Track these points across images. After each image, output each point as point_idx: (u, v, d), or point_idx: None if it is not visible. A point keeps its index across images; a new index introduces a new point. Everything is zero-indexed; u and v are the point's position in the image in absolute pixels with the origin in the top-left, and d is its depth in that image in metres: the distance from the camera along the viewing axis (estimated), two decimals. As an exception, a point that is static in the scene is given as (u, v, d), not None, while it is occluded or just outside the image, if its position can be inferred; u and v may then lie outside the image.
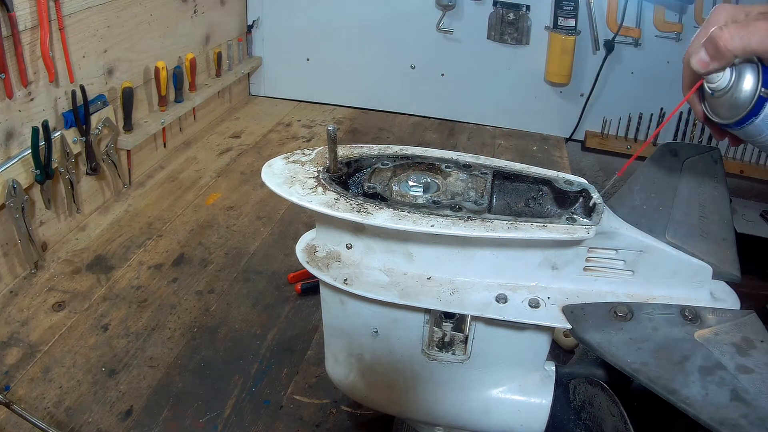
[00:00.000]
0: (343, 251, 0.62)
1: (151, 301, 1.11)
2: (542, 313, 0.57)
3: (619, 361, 0.52)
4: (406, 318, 0.62)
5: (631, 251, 0.58)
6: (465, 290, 0.59)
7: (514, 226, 0.56)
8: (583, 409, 0.64)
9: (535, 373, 0.65)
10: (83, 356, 0.98)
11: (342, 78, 2.04)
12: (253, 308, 1.11)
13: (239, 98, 2.03)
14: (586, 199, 0.61)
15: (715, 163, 0.70)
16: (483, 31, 1.89)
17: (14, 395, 0.90)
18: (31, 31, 1.09)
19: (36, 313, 1.06)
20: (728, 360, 0.50)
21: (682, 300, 0.57)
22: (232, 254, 1.26)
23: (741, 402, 0.47)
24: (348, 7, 1.94)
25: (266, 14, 2.00)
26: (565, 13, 1.79)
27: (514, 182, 0.64)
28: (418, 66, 1.98)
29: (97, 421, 0.87)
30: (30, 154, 1.10)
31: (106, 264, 1.20)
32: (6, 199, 1.07)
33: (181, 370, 0.97)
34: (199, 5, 1.68)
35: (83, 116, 1.23)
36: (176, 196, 1.46)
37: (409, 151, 0.68)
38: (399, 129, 1.94)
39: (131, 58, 1.42)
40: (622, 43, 1.83)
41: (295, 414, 0.90)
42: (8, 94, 1.06)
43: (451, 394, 0.66)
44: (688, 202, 0.65)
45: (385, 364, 0.66)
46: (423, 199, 0.60)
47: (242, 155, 1.68)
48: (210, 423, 0.88)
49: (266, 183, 0.62)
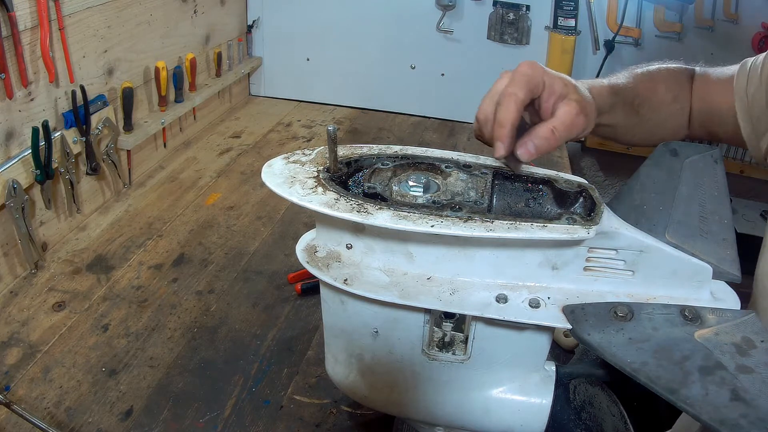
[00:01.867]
0: (343, 251, 0.62)
1: (151, 301, 1.11)
2: (542, 313, 0.57)
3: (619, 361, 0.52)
4: (406, 318, 0.62)
5: (631, 251, 0.58)
6: (465, 290, 0.59)
7: (514, 226, 0.55)
8: (583, 409, 0.64)
9: (535, 373, 0.65)
10: (83, 356, 0.98)
11: (342, 78, 2.04)
12: (253, 308, 1.11)
13: (239, 98, 2.03)
14: (586, 199, 0.61)
15: (715, 163, 0.70)
16: (483, 31, 1.89)
17: (14, 395, 0.90)
18: (31, 31, 1.09)
19: (36, 313, 1.06)
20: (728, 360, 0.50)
21: (682, 300, 0.57)
22: (232, 254, 1.26)
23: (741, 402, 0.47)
24: (348, 8, 1.94)
25: (266, 14, 2.00)
26: (565, 13, 1.79)
27: (515, 182, 0.64)
28: (418, 66, 1.98)
29: (97, 421, 0.87)
30: (30, 154, 1.10)
31: (106, 264, 1.20)
32: (6, 199, 1.07)
33: (181, 370, 0.97)
34: (199, 5, 1.68)
35: (83, 116, 1.23)
36: (176, 196, 1.46)
37: (410, 151, 0.68)
38: (399, 129, 1.94)
39: (131, 58, 1.42)
40: (622, 43, 1.83)
41: (295, 414, 0.90)
42: (8, 94, 1.06)
43: (452, 394, 0.66)
44: (688, 202, 0.65)
45: (385, 364, 0.66)
46: (423, 199, 0.60)
47: (242, 155, 1.68)
48: (210, 423, 0.88)
49: (266, 183, 0.62)
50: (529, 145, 0.61)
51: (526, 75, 0.63)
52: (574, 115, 0.64)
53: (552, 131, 0.62)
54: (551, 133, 0.62)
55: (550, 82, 0.65)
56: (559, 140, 0.62)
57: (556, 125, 0.62)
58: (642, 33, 1.81)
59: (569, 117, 0.63)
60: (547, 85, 0.65)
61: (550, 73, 0.66)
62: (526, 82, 0.63)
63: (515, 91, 0.62)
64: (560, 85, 0.65)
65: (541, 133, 0.62)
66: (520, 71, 0.64)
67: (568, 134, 0.63)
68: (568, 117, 0.63)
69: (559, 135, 0.62)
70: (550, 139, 0.62)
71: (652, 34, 1.81)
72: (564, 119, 0.63)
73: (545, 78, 0.65)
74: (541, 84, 0.64)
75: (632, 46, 1.82)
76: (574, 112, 0.64)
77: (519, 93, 0.62)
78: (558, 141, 0.62)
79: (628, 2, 1.77)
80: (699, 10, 1.76)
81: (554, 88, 0.65)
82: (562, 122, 0.63)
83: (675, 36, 1.78)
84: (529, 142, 0.61)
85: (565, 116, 0.63)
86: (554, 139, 0.62)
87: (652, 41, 1.81)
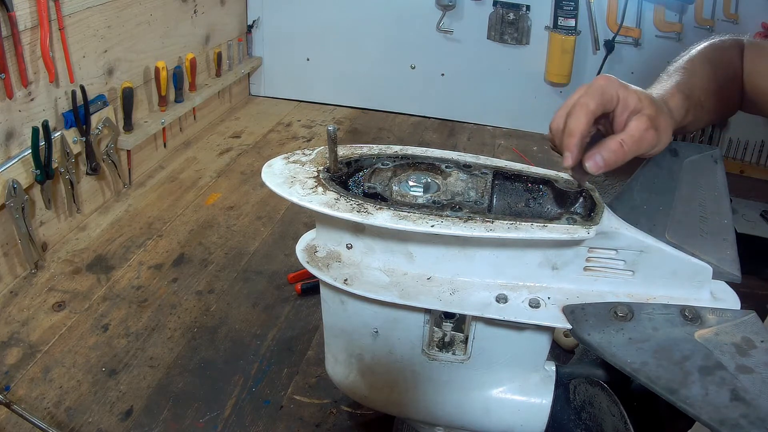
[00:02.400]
0: (344, 251, 0.62)
1: (151, 301, 1.11)
2: (542, 313, 0.57)
3: (619, 361, 0.52)
4: (406, 318, 0.62)
5: (631, 251, 0.58)
6: (465, 290, 0.59)
7: (514, 226, 0.56)
8: (583, 409, 0.64)
9: (535, 373, 0.65)
10: (83, 356, 0.98)
11: (342, 78, 2.04)
12: (253, 308, 1.11)
13: (239, 98, 2.03)
14: (586, 199, 0.61)
15: (715, 163, 0.70)
16: (483, 31, 1.89)
17: (14, 395, 0.90)
18: (31, 31, 1.09)
19: (36, 313, 1.06)
20: (728, 360, 0.50)
21: (683, 300, 0.57)
22: (232, 254, 1.26)
23: (741, 402, 0.47)
24: (348, 8, 1.94)
25: (266, 14, 2.00)
26: (565, 13, 1.79)
27: (515, 182, 0.64)
28: (418, 66, 1.98)
29: (97, 421, 0.87)
30: (30, 154, 1.10)
31: (106, 264, 1.20)
32: (6, 199, 1.07)
33: (181, 370, 0.97)
34: (199, 5, 1.68)
35: (83, 116, 1.23)
36: (176, 196, 1.46)
37: (410, 151, 0.68)
38: (399, 129, 1.94)
39: (131, 58, 1.42)
40: (622, 43, 1.83)
41: (295, 414, 0.90)
42: (8, 94, 1.06)
43: (452, 394, 0.66)
44: (688, 202, 0.65)
45: (385, 364, 0.66)
46: (423, 199, 0.60)
47: (242, 155, 1.68)
48: (210, 423, 0.88)
49: (266, 183, 0.62)
50: (597, 158, 0.61)
51: (600, 87, 0.64)
52: (643, 129, 0.63)
53: (621, 144, 0.62)
54: (620, 146, 0.61)
55: (624, 96, 0.65)
56: (628, 154, 0.62)
57: (625, 138, 0.62)
58: (642, 33, 1.81)
59: (639, 131, 0.63)
60: (621, 99, 0.65)
61: (625, 87, 0.66)
62: (599, 95, 0.63)
63: (587, 101, 0.62)
64: (634, 100, 0.65)
65: (610, 146, 0.61)
66: (595, 84, 0.64)
67: (637, 148, 0.63)
68: (638, 131, 0.63)
69: (628, 148, 0.62)
70: (617, 152, 0.61)
71: (652, 34, 1.80)
72: (633, 133, 0.63)
73: (620, 92, 0.65)
74: (615, 97, 0.64)
75: (632, 46, 1.82)
76: (644, 127, 0.63)
77: (590, 104, 0.62)
78: (626, 155, 0.62)
79: (628, 2, 1.77)
80: (699, 10, 1.76)
81: (628, 102, 0.65)
82: (631, 136, 0.63)
83: (675, 36, 1.78)
84: (597, 155, 0.61)
85: (634, 130, 0.63)
86: (622, 153, 0.62)
87: (652, 41, 1.81)
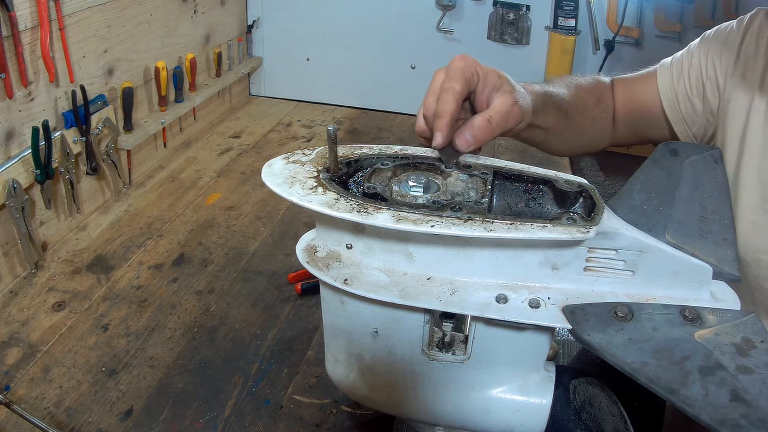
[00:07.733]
0: (343, 251, 0.62)
1: (151, 301, 1.11)
2: (542, 314, 0.57)
3: (619, 361, 0.52)
4: (406, 318, 0.62)
5: (631, 251, 0.58)
6: (465, 290, 0.59)
7: (514, 226, 0.55)
8: (583, 409, 0.64)
9: (535, 373, 0.65)
10: (83, 356, 0.98)
11: (342, 78, 2.04)
12: (253, 308, 1.11)
13: (239, 98, 2.03)
14: (586, 199, 0.61)
15: (715, 163, 0.70)
16: (483, 31, 1.89)
17: (14, 395, 0.90)
18: (31, 31, 1.09)
19: (36, 313, 1.06)
20: (728, 360, 0.50)
21: (683, 300, 0.57)
22: (232, 254, 1.26)
23: (741, 402, 0.47)
24: (348, 8, 1.94)
25: (266, 14, 2.00)
26: (565, 13, 1.79)
27: (515, 182, 0.64)
28: (418, 66, 1.98)
29: (97, 421, 0.87)
30: (30, 154, 1.10)
31: (106, 264, 1.20)
32: (6, 199, 1.07)
33: (181, 370, 0.97)
34: (199, 5, 1.68)
35: (83, 116, 1.23)
36: (176, 196, 1.46)
37: (410, 151, 0.68)
38: (399, 129, 1.94)
39: (131, 58, 1.42)
40: (623, 43, 1.83)
41: (295, 414, 0.90)
42: (8, 94, 1.06)
43: (452, 394, 0.66)
44: (688, 202, 0.65)
45: (385, 364, 0.66)
46: (423, 200, 0.60)
47: (242, 155, 1.68)
48: (210, 423, 0.88)
49: (266, 183, 0.61)
50: (467, 134, 0.61)
51: (459, 68, 0.64)
52: (509, 105, 0.64)
53: (488, 120, 0.62)
54: (488, 123, 0.62)
55: (484, 73, 0.66)
56: (496, 130, 0.63)
57: (492, 115, 0.63)
58: (642, 33, 1.81)
59: (504, 107, 0.64)
60: (481, 77, 0.65)
61: (482, 66, 0.66)
62: (461, 75, 0.64)
63: (452, 85, 0.63)
64: (494, 77, 0.66)
65: (478, 123, 0.62)
66: (453, 65, 0.65)
67: (504, 124, 0.64)
68: (504, 107, 0.64)
69: (495, 124, 0.63)
70: (486, 129, 0.62)
71: (652, 34, 1.81)
72: (499, 109, 0.64)
73: (479, 70, 0.65)
74: (475, 75, 0.65)
75: (632, 46, 1.82)
76: (509, 102, 0.64)
77: (456, 86, 0.63)
78: (494, 131, 0.63)
79: (628, 2, 1.77)
80: (699, 10, 1.76)
81: (488, 79, 0.66)
82: (498, 112, 0.63)
83: (675, 36, 1.78)
84: (466, 132, 0.62)
85: (500, 106, 0.64)
86: (491, 129, 0.62)
87: (652, 41, 1.81)
